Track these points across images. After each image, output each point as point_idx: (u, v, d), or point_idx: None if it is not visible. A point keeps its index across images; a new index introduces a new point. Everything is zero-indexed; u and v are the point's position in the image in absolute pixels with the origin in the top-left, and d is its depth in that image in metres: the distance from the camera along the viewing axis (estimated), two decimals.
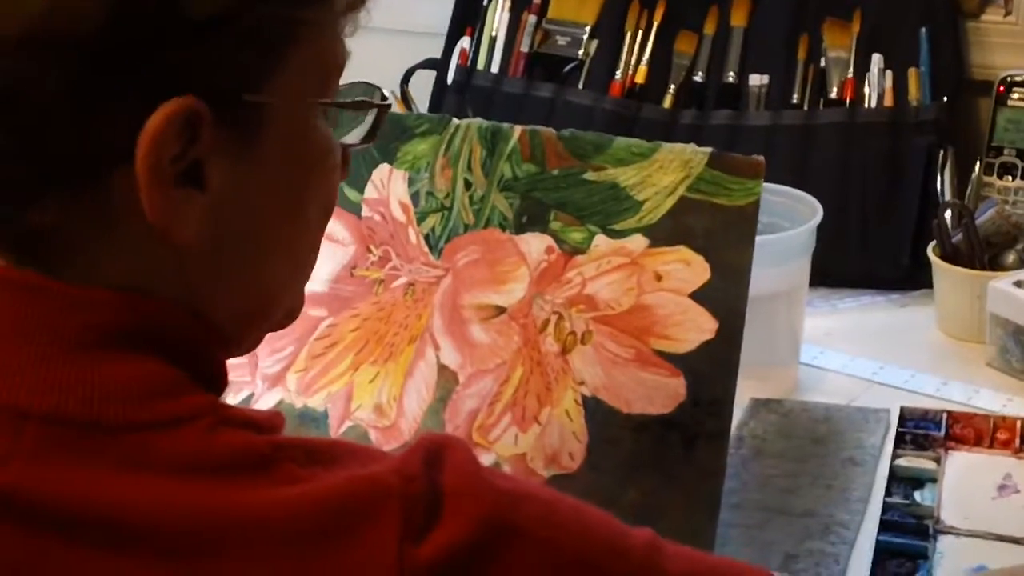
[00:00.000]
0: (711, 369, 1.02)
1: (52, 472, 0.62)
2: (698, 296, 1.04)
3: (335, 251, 1.10)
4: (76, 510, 0.61)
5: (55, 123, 0.62)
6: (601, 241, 1.07)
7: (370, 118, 0.76)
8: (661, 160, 1.08)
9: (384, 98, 0.77)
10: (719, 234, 1.06)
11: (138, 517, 0.61)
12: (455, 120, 1.12)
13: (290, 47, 0.67)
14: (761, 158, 1.08)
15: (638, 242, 1.07)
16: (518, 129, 1.10)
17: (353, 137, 0.75)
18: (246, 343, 0.75)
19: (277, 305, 0.75)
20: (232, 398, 1.06)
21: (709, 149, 1.08)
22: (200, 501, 0.62)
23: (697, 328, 1.04)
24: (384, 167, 1.12)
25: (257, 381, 1.07)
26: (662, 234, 1.06)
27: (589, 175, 1.09)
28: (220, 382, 0.71)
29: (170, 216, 0.65)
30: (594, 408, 1.03)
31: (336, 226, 1.10)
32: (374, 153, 1.11)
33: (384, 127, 0.78)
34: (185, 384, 0.66)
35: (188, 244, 0.66)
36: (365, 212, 1.11)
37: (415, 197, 1.11)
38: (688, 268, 1.05)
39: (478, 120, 1.12)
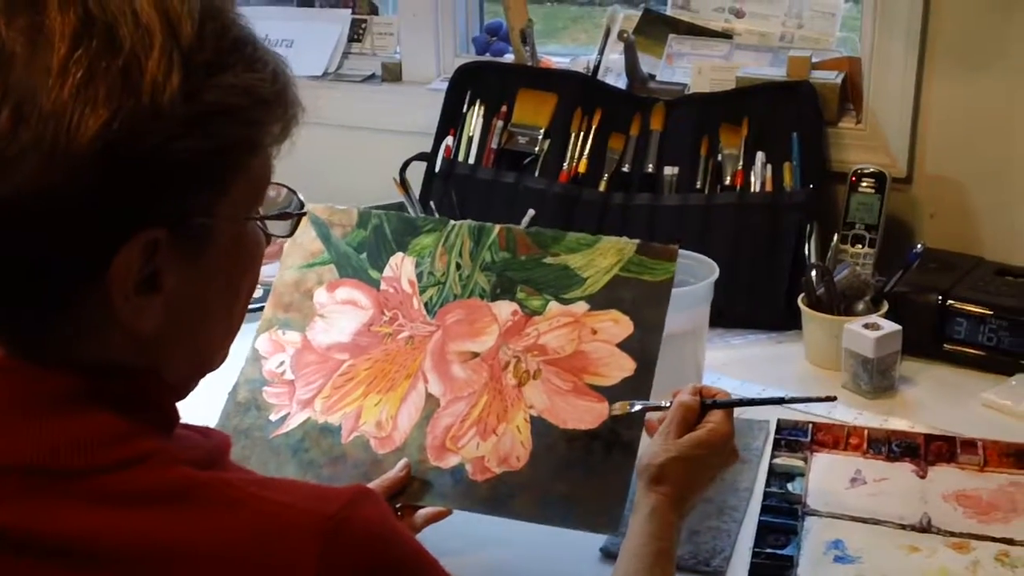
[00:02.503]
0: (629, 397, 1.33)
1: (33, 511, 0.73)
2: (623, 345, 1.36)
3: (358, 313, 1.46)
4: (55, 541, 0.73)
5: (48, 256, 0.74)
6: (554, 306, 1.41)
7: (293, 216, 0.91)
8: (601, 249, 1.43)
9: (302, 205, 0.93)
10: (642, 301, 1.38)
11: (105, 544, 0.73)
12: (452, 221, 1.49)
13: (236, 179, 0.80)
14: (676, 246, 1.42)
15: (581, 306, 1.40)
16: (498, 227, 1.46)
17: (280, 231, 0.90)
18: (190, 389, 0.88)
19: (213, 362, 0.89)
20: (273, 415, 1.41)
21: (637, 240, 1.42)
22: (151, 528, 0.73)
23: (620, 368, 1.35)
24: (399, 255, 1.48)
25: (292, 404, 1.41)
26: (599, 301, 1.40)
27: (548, 260, 1.43)
28: (172, 422, 0.84)
29: (134, 317, 0.77)
30: (539, 424, 1.33)
31: (359, 295, 1.46)
32: (392, 245, 1.49)
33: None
34: (136, 431, 0.77)
35: (148, 335, 0.78)
36: (383, 286, 1.46)
37: (420, 275, 1.46)
38: (617, 325, 1.38)
39: (469, 221, 1.49)
